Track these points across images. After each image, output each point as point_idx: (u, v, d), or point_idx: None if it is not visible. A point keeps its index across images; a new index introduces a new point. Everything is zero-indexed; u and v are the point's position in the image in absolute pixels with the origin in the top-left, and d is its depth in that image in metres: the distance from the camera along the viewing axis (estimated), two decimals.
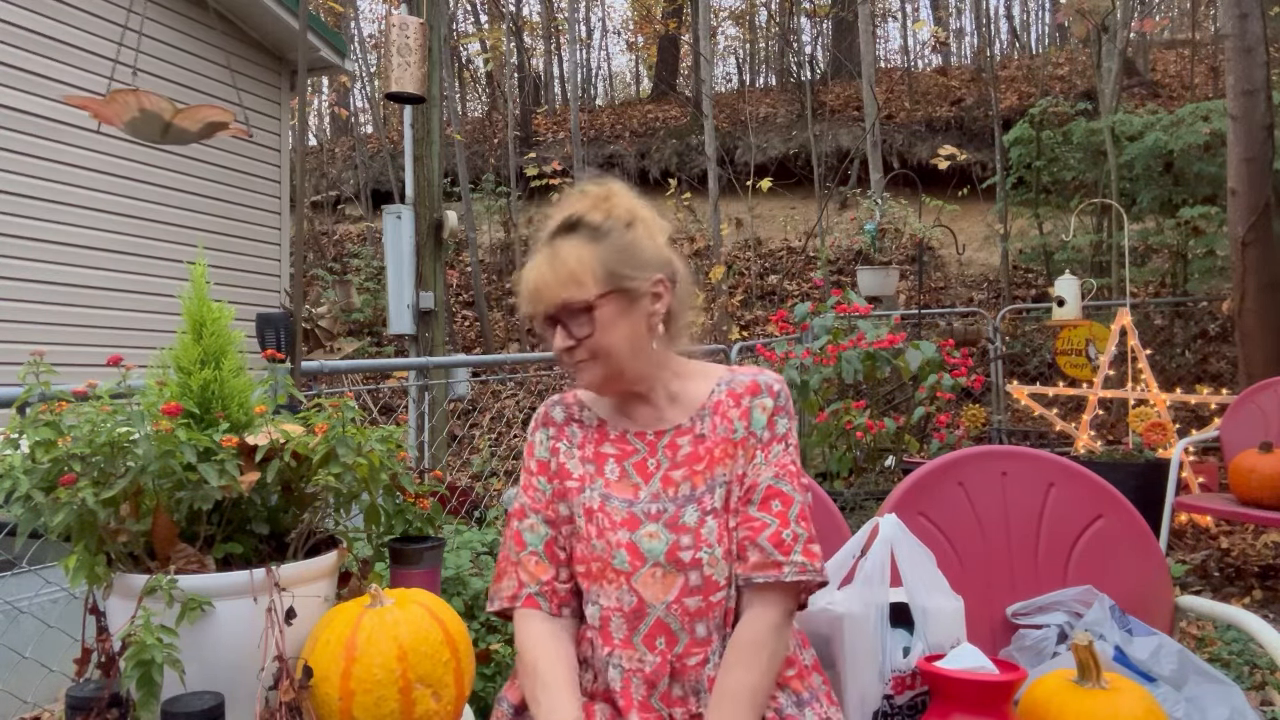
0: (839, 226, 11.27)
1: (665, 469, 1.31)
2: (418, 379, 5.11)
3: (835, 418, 4.96)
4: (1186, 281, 8.43)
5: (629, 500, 1.29)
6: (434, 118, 5.56)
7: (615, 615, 1.25)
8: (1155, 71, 14.05)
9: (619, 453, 1.34)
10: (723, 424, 1.33)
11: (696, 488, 1.29)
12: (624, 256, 1.28)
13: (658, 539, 1.26)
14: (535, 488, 1.36)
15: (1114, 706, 1.28)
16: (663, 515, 1.27)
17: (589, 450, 1.36)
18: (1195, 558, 4.35)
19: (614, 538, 1.26)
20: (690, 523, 1.26)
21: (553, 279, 1.27)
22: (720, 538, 1.26)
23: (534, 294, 1.29)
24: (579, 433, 1.38)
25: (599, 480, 1.32)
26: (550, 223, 1.32)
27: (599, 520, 1.28)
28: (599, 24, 25.21)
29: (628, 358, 1.28)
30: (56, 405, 1.21)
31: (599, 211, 1.31)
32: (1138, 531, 1.76)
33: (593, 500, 1.30)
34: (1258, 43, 5.45)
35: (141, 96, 2.17)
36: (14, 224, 5.34)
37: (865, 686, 1.39)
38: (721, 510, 1.28)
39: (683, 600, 1.23)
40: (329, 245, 13.50)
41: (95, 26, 5.71)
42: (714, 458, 1.31)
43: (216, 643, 1.15)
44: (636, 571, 1.25)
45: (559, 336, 1.28)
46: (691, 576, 1.24)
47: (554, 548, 1.33)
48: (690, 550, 1.25)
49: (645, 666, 1.23)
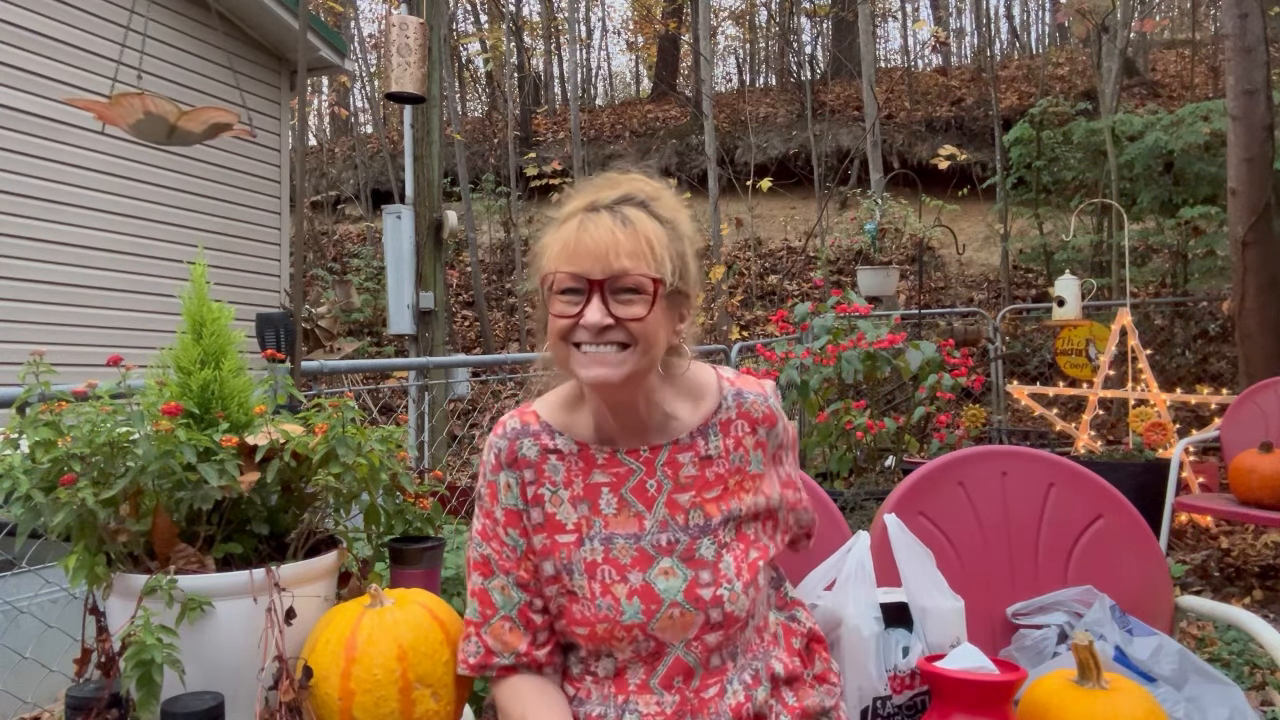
0: (839, 226, 11.27)
1: (669, 491, 1.19)
2: (418, 379, 5.11)
3: (835, 418, 4.96)
4: (1186, 281, 8.43)
5: (635, 535, 1.17)
6: (434, 118, 5.56)
7: (633, 664, 1.17)
8: (1155, 71, 14.06)
9: (613, 479, 1.20)
10: (738, 451, 1.22)
11: (711, 518, 1.18)
12: (683, 258, 1.17)
13: (674, 575, 1.15)
14: (502, 541, 1.20)
15: (1114, 706, 1.28)
16: (676, 547, 1.17)
17: (578, 487, 1.19)
18: (1195, 558, 4.35)
19: (621, 590, 1.15)
20: (708, 557, 1.17)
21: (626, 243, 1.09)
22: (739, 571, 1.17)
23: (591, 252, 1.09)
24: (561, 468, 1.20)
25: (597, 522, 1.18)
26: (607, 193, 1.15)
27: (603, 574, 1.16)
28: (599, 24, 25.22)
29: (656, 359, 1.15)
30: (56, 405, 1.21)
31: (662, 204, 1.17)
32: (1138, 531, 1.76)
33: (594, 553, 1.17)
34: (1258, 43, 5.45)
35: (146, 99, 2.18)
36: (14, 224, 5.34)
37: (862, 681, 1.39)
38: (734, 543, 1.19)
39: (703, 638, 1.15)
40: (329, 245, 13.51)
41: (96, 27, 5.71)
42: (728, 489, 1.20)
43: (216, 643, 1.14)
44: (653, 618, 1.14)
45: (595, 309, 1.09)
46: (713, 614, 1.15)
47: (529, 614, 1.19)
48: (710, 588, 1.15)
49: (666, 708, 1.15)
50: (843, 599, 1.43)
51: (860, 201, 9.59)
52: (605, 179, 1.19)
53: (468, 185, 12.22)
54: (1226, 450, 4.07)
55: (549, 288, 1.14)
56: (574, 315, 1.11)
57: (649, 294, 1.10)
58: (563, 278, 1.12)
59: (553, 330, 1.14)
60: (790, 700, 1.24)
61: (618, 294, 1.10)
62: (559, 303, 1.13)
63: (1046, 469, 1.80)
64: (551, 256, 1.14)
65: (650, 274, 1.10)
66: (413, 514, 1.43)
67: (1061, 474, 1.80)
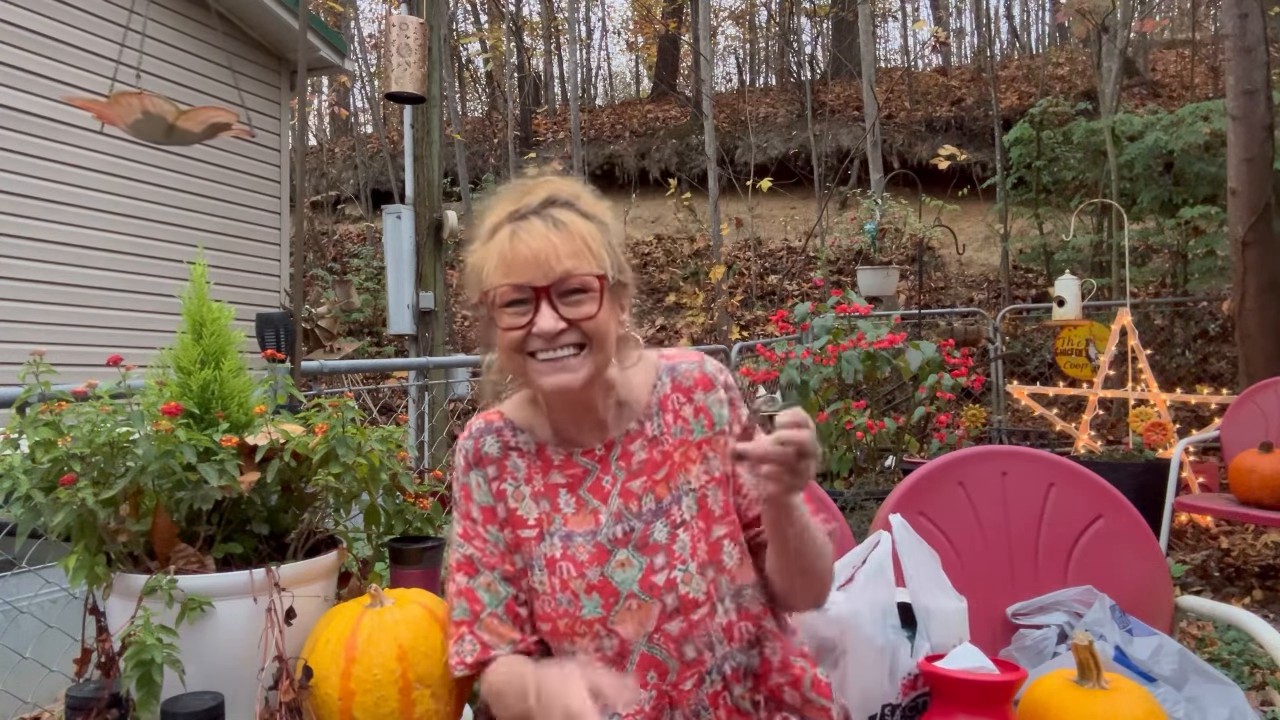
0: (839, 226, 11.27)
1: (622, 481, 1.20)
2: (418, 379, 5.11)
3: (835, 418, 4.96)
4: (1186, 281, 8.43)
5: (592, 531, 1.18)
6: (434, 118, 5.56)
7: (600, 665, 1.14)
8: (1155, 71, 14.06)
9: (569, 480, 1.21)
10: (677, 423, 1.23)
11: (661, 499, 1.19)
12: (614, 250, 1.17)
13: (630, 566, 1.16)
14: (483, 538, 1.20)
15: (1114, 706, 1.28)
16: (631, 536, 1.18)
17: (538, 484, 1.21)
18: (1195, 558, 4.35)
19: (579, 585, 1.16)
20: (661, 539, 1.17)
21: (562, 246, 1.10)
22: (694, 551, 1.17)
23: (530, 261, 1.10)
24: (522, 465, 1.22)
25: (556, 518, 1.19)
26: (529, 198, 1.15)
27: (562, 570, 1.17)
28: (599, 24, 25.23)
29: (610, 354, 1.17)
30: (56, 405, 1.21)
31: (584, 201, 1.18)
32: (1138, 531, 1.76)
33: (553, 549, 1.18)
34: (1258, 43, 5.45)
35: (145, 98, 2.18)
36: (14, 224, 5.34)
37: (868, 687, 1.39)
38: (693, 520, 1.18)
39: (663, 628, 1.15)
40: (329, 245, 13.51)
41: (95, 26, 5.71)
42: (674, 463, 1.21)
43: (216, 643, 1.14)
44: (611, 611, 1.15)
45: (547, 316, 1.10)
46: (668, 600, 1.15)
47: (516, 607, 1.19)
48: (664, 571, 1.16)
49: (644, 704, 1.14)
50: (858, 603, 1.42)
51: (860, 201, 9.60)
52: (520, 185, 1.19)
53: (468, 185, 12.22)
54: (1226, 450, 4.07)
55: (492, 303, 1.14)
56: (525, 325, 1.12)
57: (596, 291, 1.12)
58: (506, 291, 1.12)
59: (504, 344, 1.15)
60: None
61: (564, 297, 1.11)
62: (506, 316, 1.13)
63: (1046, 469, 1.80)
64: (490, 271, 1.14)
65: (593, 271, 1.12)
66: (413, 514, 1.44)
67: (1061, 474, 1.80)
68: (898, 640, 1.40)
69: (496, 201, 1.18)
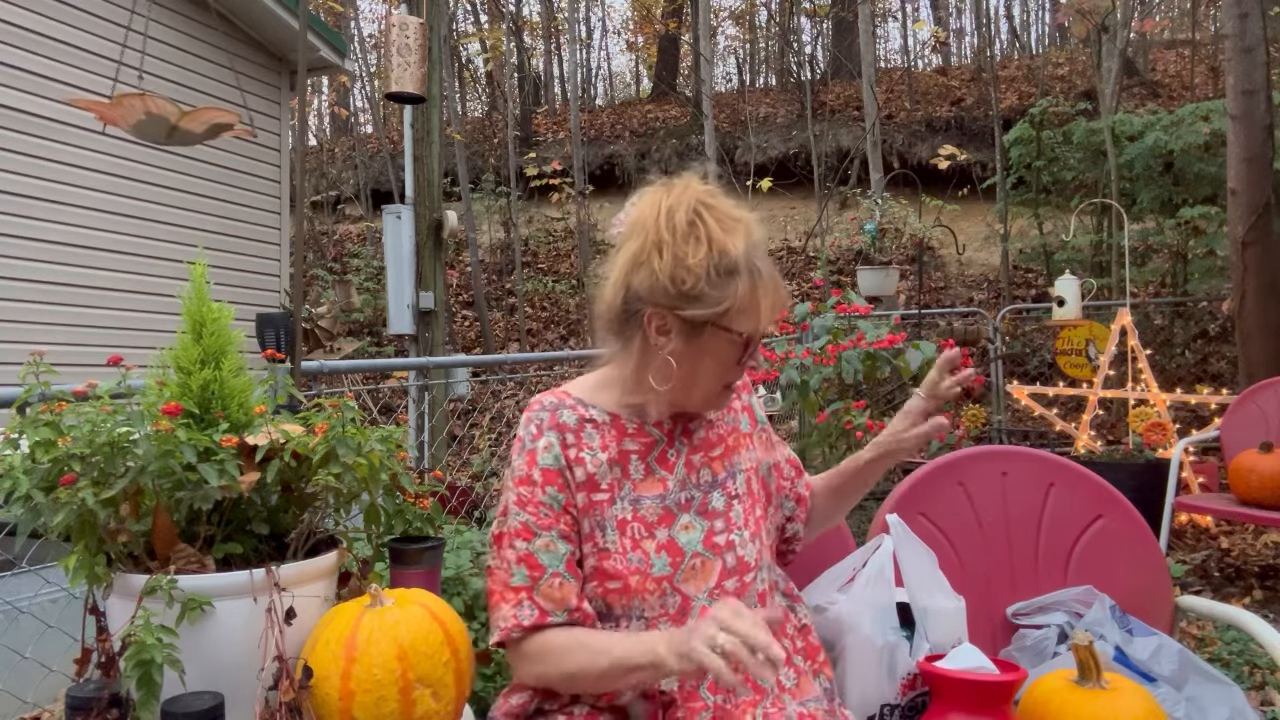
0: (839, 226, 11.27)
1: (685, 454, 1.32)
2: (418, 379, 5.11)
3: (835, 418, 4.96)
4: (1186, 281, 8.43)
5: (660, 495, 1.29)
6: (434, 118, 5.56)
7: (662, 621, 1.23)
8: (1155, 71, 14.07)
9: (641, 448, 1.31)
10: (729, 414, 1.38)
11: (718, 474, 1.32)
12: None
13: (693, 529, 1.28)
14: (540, 501, 1.26)
15: (1114, 706, 1.28)
16: (693, 503, 1.29)
17: (613, 450, 1.30)
18: (1195, 558, 4.35)
19: (650, 545, 1.25)
20: (719, 507, 1.30)
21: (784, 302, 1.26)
22: (747, 520, 1.31)
23: (773, 309, 1.23)
24: (596, 435, 1.30)
25: (626, 484, 1.29)
26: (754, 234, 1.25)
27: (632, 531, 1.26)
28: (599, 24, 25.22)
29: None
30: (56, 405, 1.21)
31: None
32: (1138, 531, 1.76)
33: (625, 511, 1.27)
34: (1258, 43, 5.45)
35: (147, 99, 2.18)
36: (14, 224, 5.34)
37: (866, 688, 1.39)
38: (744, 495, 1.32)
39: (722, 584, 1.26)
40: (329, 245, 13.51)
41: (96, 27, 5.71)
42: (728, 446, 1.35)
43: (216, 643, 1.14)
44: (678, 569, 1.25)
45: (749, 360, 1.27)
46: (728, 559, 1.27)
47: (574, 565, 1.25)
48: (724, 534, 1.28)
49: None
50: (858, 604, 1.43)
51: (860, 201, 9.59)
52: (731, 208, 1.26)
53: (468, 185, 12.22)
54: (1226, 450, 4.07)
55: (740, 339, 1.22)
56: (739, 362, 1.25)
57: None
58: (755, 335, 1.23)
59: (710, 369, 1.24)
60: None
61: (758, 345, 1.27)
62: (735, 350, 1.23)
63: (1046, 469, 1.80)
64: (747, 310, 1.20)
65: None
66: (413, 514, 1.43)
67: (1061, 474, 1.80)
68: (896, 640, 1.40)
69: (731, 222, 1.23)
